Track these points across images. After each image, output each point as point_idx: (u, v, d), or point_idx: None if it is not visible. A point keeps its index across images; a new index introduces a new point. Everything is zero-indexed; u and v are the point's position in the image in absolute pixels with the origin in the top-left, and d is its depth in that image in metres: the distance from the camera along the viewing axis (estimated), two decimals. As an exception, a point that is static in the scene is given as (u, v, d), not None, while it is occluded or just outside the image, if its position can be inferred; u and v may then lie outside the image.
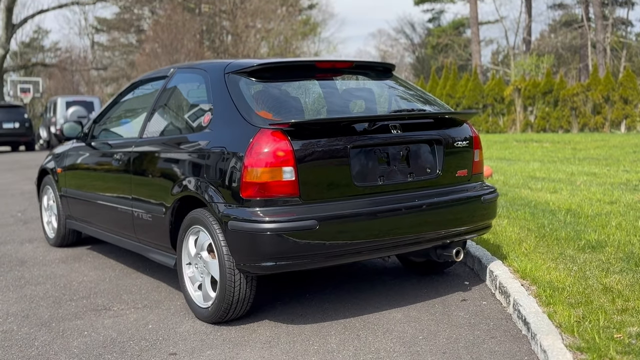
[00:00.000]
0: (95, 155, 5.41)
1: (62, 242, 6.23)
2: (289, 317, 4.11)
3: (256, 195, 3.66)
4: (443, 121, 4.32)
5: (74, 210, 5.85)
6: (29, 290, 4.89)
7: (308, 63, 4.34)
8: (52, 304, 4.53)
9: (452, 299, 4.36)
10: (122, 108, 5.48)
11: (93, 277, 5.24)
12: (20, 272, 5.43)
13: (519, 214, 6.77)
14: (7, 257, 5.99)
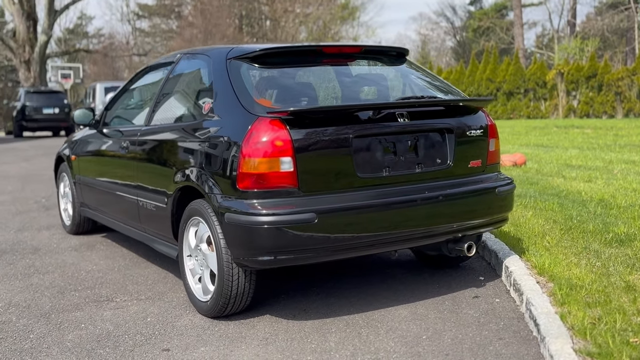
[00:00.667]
0: (104, 142, 5.32)
1: (77, 229, 6.19)
2: (291, 311, 3.97)
3: (253, 186, 3.50)
4: (455, 109, 4.09)
5: (86, 197, 5.80)
6: (36, 279, 4.84)
7: (314, 48, 4.15)
8: (56, 294, 4.47)
9: (463, 296, 4.15)
10: (132, 95, 5.38)
11: (102, 266, 5.17)
12: (32, 260, 5.40)
13: (547, 204, 6.49)
14: (22, 245, 5.98)
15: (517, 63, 30.37)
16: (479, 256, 5.02)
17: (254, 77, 3.93)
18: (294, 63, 4.10)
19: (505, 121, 27.70)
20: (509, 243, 4.96)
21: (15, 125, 24.32)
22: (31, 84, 33.13)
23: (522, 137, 17.11)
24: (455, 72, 32.98)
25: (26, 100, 23.90)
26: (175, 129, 4.25)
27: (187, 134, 4.06)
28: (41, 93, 24.50)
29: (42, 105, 23.78)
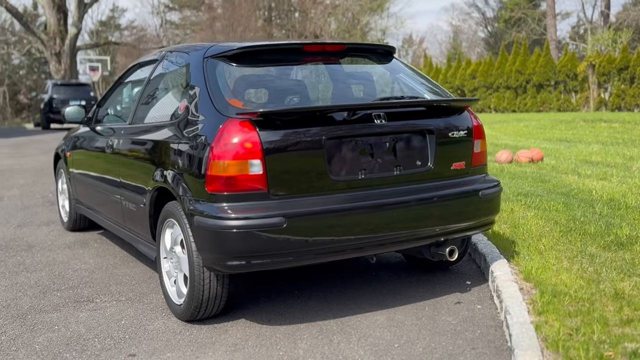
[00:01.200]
0: (94, 140, 5.30)
1: (74, 226, 6.20)
2: (267, 315, 3.90)
3: (222, 189, 3.43)
4: (438, 109, 3.96)
5: (80, 195, 5.80)
6: (23, 278, 4.84)
7: (295, 46, 4.06)
8: (38, 294, 4.46)
9: (445, 301, 4.04)
10: (121, 92, 5.35)
11: (91, 264, 5.16)
12: (23, 258, 5.41)
13: (551, 204, 6.32)
14: (18, 241, 6.00)
15: (548, 55, 29.84)
16: (471, 259, 4.90)
17: (229, 77, 3.85)
18: (273, 62, 4.02)
19: (534, 114, 27.26)
20: (502, 245, 4.83)
21: (43, 117, 24.66)
22: (62, 76, 33.56)
23: (546, 131, 16.79)
24: (484, 64, 32.56)
25: (53, 92, 24.19)
26: (153, 129, 4.20)
27: (163, 134, 4.00)
28: (68, 86, 24.79)
29: (69, 97, 24.04)
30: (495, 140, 14.48)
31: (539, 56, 29.96)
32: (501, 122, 21.96)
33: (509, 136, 15.58)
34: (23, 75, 47.91)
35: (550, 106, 29.36)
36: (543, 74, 29.48)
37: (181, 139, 3.75)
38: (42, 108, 24.74)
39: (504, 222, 5.62)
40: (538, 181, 7.91)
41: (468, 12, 53.41)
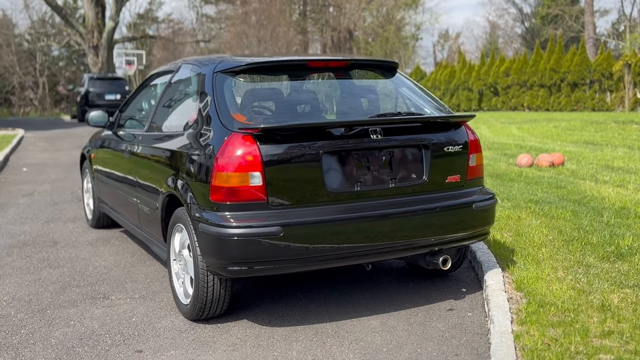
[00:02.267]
0: (115, 144, 5.60)
1: (97, 223, 6.53)
2: (268, 317, 4.14)
3: (225, 199, 3.68)
4: (434, 125, 4.15)
5: (102, 194, 6.11)
6: (46, 273, 5.17)
7: (299, 62, 4.29)
8: (59, 290, 4.77)
9: (439, 308, 4.24)
10: (141, 99, 5.63)
11: (110, 262, 5.46)
12: (48, 254, 5.75)
13: (560, 212, 6.45)
14: (44, 237, 6.35)
15: (583, 53, 29.55)
16: (470, 266, 5.08)
17: (236, 92, 4.09)
18: (279, 77, 4.25)
19: (567, 113, 27.06)
20: (500, 254, 5.00)
21: (79, 110, 25.31)
22: (99, 69, 34.24)
23: (575, 132, 16.75)
24: (517, 61, 32.36)
25: (89, 86, 24.81)
26: (165, 138, 4.46)
27: (174, 144, 4.27)
28: (104, 79, 25.40)
29: (105, 91, 24.65)
30: (521, 141, 14.53)
31: (574, 54, 29.69)
32: (532, 121, 21.89)
33: (536, 138, 15.59)
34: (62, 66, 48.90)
35: (584, 105, 29.09)
36: (578, 73, 29.22)
37: (189, 150, 4.01)
38: (78, 101, 25.40)
39: (508, 230, 5.78)
40: (553, 187, 8.01)
41: (505, 7, 52.92)
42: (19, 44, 45.37)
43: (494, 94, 33.64)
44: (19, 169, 11.68)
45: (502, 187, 8.07)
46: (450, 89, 35.65)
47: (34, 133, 20.07)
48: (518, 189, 7.86)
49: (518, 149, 12.90)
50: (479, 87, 33.98)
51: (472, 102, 34.43)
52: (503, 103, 32.95)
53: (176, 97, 4.76)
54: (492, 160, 11.09)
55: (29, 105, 46.22)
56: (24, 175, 10.84)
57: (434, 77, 36.82)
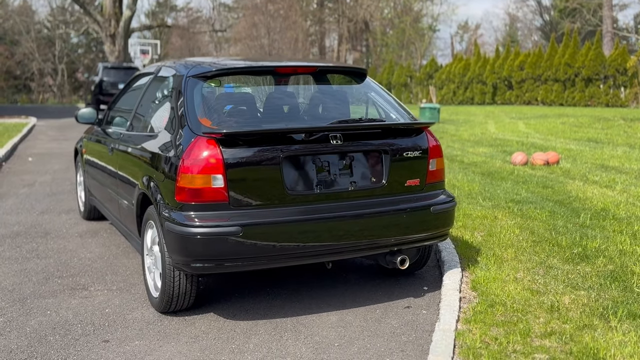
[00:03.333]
0: (102, 141, 5.85)
1: (88, 215, 6.80)
2: (234, 311, 4.36)
3: (188, 199, 3.90)
4: (394, 130, 4.34)
5: (91, 188, 6.37)
6: (32, 264, 5.43)
7: (268, 68, 4.49)
8: (41, 280, 5.03)
9: (397, 305, 4.43)
10: (127, 98, 5.86)
11: (95, 254, 5.72)
12: (37, 244, 6.01)
13: (538, 212, 6.61)
14: (37, 228, 6.62)
15: (598, 48, 29.41)
16: (436, 265, 5.26)
17: (205, 96, 4.30)
18: (247, 83, 4.45)
19: (580, 109, 27.01)
20: (466, 254, 5.18)
21: (93, 99, 25.67)
22: (116, 57, 34.60)
23: (581, 129, 16.80)
24: (532, 55, 32.27)
25: (104, 75, 25.17)
26: (141, 139, 4.69)
27: (148, 145, 4.49)
28: (118, 69, 25.73)
29: (118, 80, 24.97)
30: (524, 138, 14.63)
31: (589, 49, 29.56)
32: (541, 117, 21.92)
33: (540, 134, 15.67)
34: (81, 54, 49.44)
35: (598, 101, 29.00)
36: (592, 68, 29.11)
37: (159, 151, 4.23)
38: (93, 90, 25.77)
39: (481, 230, 5.95)
40: (540, 187, 8.16)
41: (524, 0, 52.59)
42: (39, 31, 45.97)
43: (508, 87, 33.60)
44: (24, 158, 12.01)
45: (489, 185, 8.23)
46: (464, 82, 35.63)
47: (46, 121, 20.46)
48: (504, 188, 8.02)
49: (519, 146, 13.02)
50: (493, 81, 33.94)
51: (486, 95, 34.41)
52: (517, 97, 32.90)
53: (153, 99, 4.99)
54: (488, 157, 11.23)
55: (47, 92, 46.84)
56: (29, 165, 11.17)
57: (449, 69, 36.79)
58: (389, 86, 40.16)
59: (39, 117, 21.69)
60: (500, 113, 24.80)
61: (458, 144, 13.54)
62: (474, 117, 22.38)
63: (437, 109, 19.67)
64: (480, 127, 17.90)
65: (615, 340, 3.64)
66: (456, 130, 17.03)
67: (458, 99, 35.72)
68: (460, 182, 8.39)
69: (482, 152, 12.05)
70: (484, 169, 9.75)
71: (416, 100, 38.36)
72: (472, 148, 12.68)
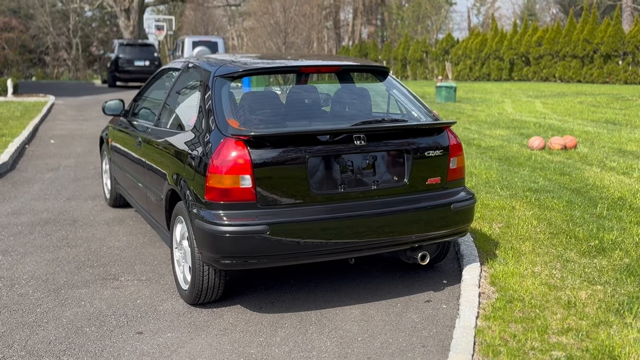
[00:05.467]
0: (128, 133, 6.02)
1: (114, 203, 7.01)
2: (260, 303, 4.55)
3: (217, 199, 4.07)
4: (416, 130, 4.47)
5: (117, 177, 6.56)
6: (64, 253, 5.65)
7: (292, 68, 4.62)
8: (74, 269, 5.24)
9: (417, 299, 4.60)
10: (152, 91, 6.02)
11: (123, 242, 5.92)
12: (67, 232, 6.23)
13: (555, 202, 6.73)
14: (65, 215, 6.84)
15: (617, 24, 29.14)
16: (455, 258, 5.42)
17: (232, 97, 4.45)
18: (273, 82, 4.60)
19: (598, 86, 26.87)
20: (484, 247, 5.33)
21: (109, 76, 25.93)
22: (130, 32, 34.74)
23: (599, 110, 16.78)
24: (550, 31, 32.04)
25: (119, 52, 25.37)
26: (170, 135, 4.86)
27: (176, 143, 4.66)
28: (133, 46, 25.94)
29: (134, 57, 25.20)
30: (541, 119, 14.66)
31: (608, 25, 29.30)
32: (559, 95, 21.86)
33: (557, 115, 15.68)
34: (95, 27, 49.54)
35: (617, 77, 28.82)
36: (611, 44, 28.87)
37: (189, 150, 4.40)
38: (108, 67, 25.97)
39: (499, 222, 6.09)
40: (557, 174, 8.26)
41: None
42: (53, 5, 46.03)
43: (526, 63, 33.42)
44: (46, 140, 12.24)
45: (507, 172, 8.34)
46: (481, 58, 35.46)
47: (64, 100, 20.67)
48: (521, 175, 8.13)
49: (536, 128, 13.08)
50: (510, 57, 33.77)
51: (503, 71, 34.25)
52: (534, 73, 32.74)
53: (181, 96, 5.14)
54: (505, 141, 11.31)
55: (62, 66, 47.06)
56: (51, 147, 11.39)
57: (465, 45, 36.61)
58: (405, 62, 40.04)
59: (57, 95, 21.91)
60: (517, 91, 24.74)
61: (475, 125, 13.61)
62: (491, 96, 22.35)
63: (454, 87, 19.69)
64: (497, 107, 17.92)
65: (630, 338, 3.80)
66: (473, 110, 17.06)
67: (474, 75, 35.59)
68: (477, 169, 8.51)
69: (499, 134, 12.13)
70: (501, 154, 9.85)
71: (432, 76, 38.26)
72: (489, 130, 12.75)
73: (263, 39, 38.72)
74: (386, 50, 41.67)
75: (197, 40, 25.63)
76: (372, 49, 42.37)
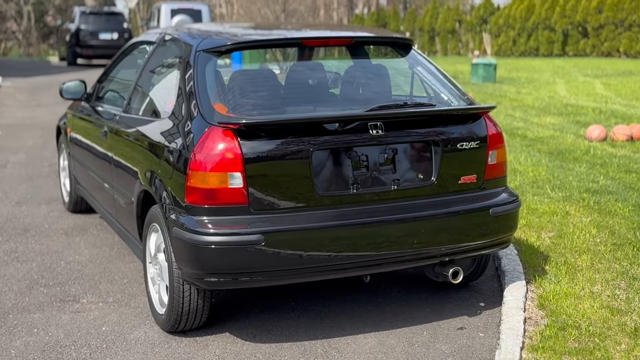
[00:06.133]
0: (92, 121, 6.04)
1: (74, 207, 7.03)
2: (253, 330, 4.56)
3: (201, 201, 4.07)
4: (446, 117, 4.47)
5: (78, 176, 6.59)
6: (12, 269, 5.67)
7: (292, 41, 4.62)
8: (24, 290, 5.26)
9: (448, 326, 4.60)
10: (122, 70, 6.04)
11: (85, 256, 5.94)
12: (16, 244, 6.26)
13: (619, 206, 6.73)
14: (14, 223, 6.87)
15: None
16: (495, 275, 5.42)
17: (219, 76, 4.46)
18: (269, 58, 4.60)
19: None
20: (531, 262, 5.33)
21: (69, 51, 26.01)
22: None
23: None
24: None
25: (81, 22, 25.48)
26: (142, 124, 4.88)
27: (150, 132, 4.68)
28: (98, 15, 26.05)
29: (99, 29, 25.30)
30: (602, 104, 14.63)
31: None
32: (624, 74, 21.83)
33: (623, 98, 15.66)
34: (51, -8, 49.76)
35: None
36: None
37: (165, 143, 4.41)
38: (68, 40, 26.05)
39: (550, 230, 6.09)
40: (622, 171, 8.24)
41: None
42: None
43: (583, 35, 33.36)
44: (-9, 131, 12.31)
45: (559, 170, 8.33)
46: (527, 29, 35.41)
47: (14, 81, 20.76)
48: (577, 173, 8.12)
49: (596, 114, 13.06)
50: (563, 27, 33.70)
51: (554, 44, 34.21)
52: (593, 47, 32.68)
53: (156, 76, 5.15)
54: (557, 130, 11.30)
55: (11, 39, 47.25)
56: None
57: (507, 12, 36.59)
58: (432, 33, 40.01)
59: (4, 75, 21.99)
60: (573, 69, 24.71)
61: (519, 112, 13.61)
62: (539, 75, 22.34)
63: (493, 65, 19.69)
64: (547, 89, 17.91)
65: None
66: (517, 93, 17.06)
67: (519, 49, 35.54)
68: (523, 166, 8.51)
69: (550, 123, 12.12)
70: (552, 147, 9.84)
71: (466, 50, 38.22)
72: (537, 118, 12.74)
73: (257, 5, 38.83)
74: (409, 19, 41.65)
75: (176, 8, 25.63)
76: (392, 17, 42.36)
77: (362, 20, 44.89)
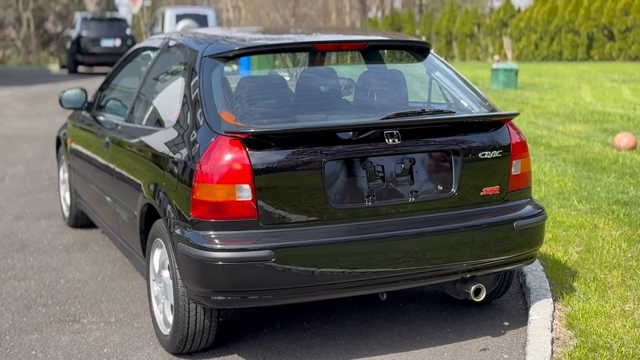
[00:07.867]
0: (93, 131, 6.03)
1: (75, 222, 7.02)
2: (264, 352, 4.52)
3: (207, 215, 4.04)
4: (467, 125, 4.43)
5: (79, 189, 6.57)
6: (9, 287, 5.65)
7: (304, 45, 4.60)
8: (22, 309, 5.24)
9: (470, 346, 4.55)
10: (125, 77, 6.03)
11: (86, 273, 5.92)
12: (14, 261, 6.24)
13: (652, 219, 6.65)
14: (12, 238, 6.86)
15: None
16: (520, 292, 5.36)
17: (226, 83, 4.43)
18: (279, 64, 4.58)
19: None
20: (558, 278, 5.27)
21: (69, 59, 26.10)
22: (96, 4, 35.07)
23: None
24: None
25: (82, 28, 25.57)
26: (146, 134, 4.85)
27: (154, 143, 4.65)
28: (100, 20, 26.14)
29: (101, 36, 25.39)
30: (630, 110, 14.57)
31: None
32: (652, 79, 21.71)
33: (653, 105, 15.58)
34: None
35: None
36: None
37: (170, 153, 4.38)
38: (68, 47, 26.15)
39: (577, 244, 6.03)
40: (652, 181, 8.17)
41: None
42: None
43: (609, 38, 33.28)
44: (-12, 142, 12.35)
45: (586, 180, 8.27)
46: (550, 32, 35.37)
47: (12, 91, 20.87)
48: (606, 184, 8.06)
49: (624, 121, 12.99)
50: (588, 30, 33.64)
51: (579, 48, 34.14)
52: (620, 51, 32.60)
53: (160, 83, 5.14)
54: (584, 138, 11.24)
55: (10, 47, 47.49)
56: (-6, 151, 11.49)
57: (529, 15, 36.57)
58: (450, 37, 40.00)
59: (3, 84, 22.12)
60: (598, 74, 24.63)
61: (543, 119, 13.55)
62: (563, 80, 22.27)
63: (515, 70, 19.63)
64: (572, 95, 17.84)
65: None
66: (540, 99, 17.00)
67: (542, 53, 35.47)
68: (547, 177, 8.45)
69: (576, 131, 12.06)
70: (578, 156, 9.78)
71: (485, 55, 38.19)
72: (562, 125, 12.69)
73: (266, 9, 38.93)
74: (426, 22, 41.67)
75: (181, 13, 25.75)
76: (407, 21, 42.41)
77: (375, 24, 44.95)
